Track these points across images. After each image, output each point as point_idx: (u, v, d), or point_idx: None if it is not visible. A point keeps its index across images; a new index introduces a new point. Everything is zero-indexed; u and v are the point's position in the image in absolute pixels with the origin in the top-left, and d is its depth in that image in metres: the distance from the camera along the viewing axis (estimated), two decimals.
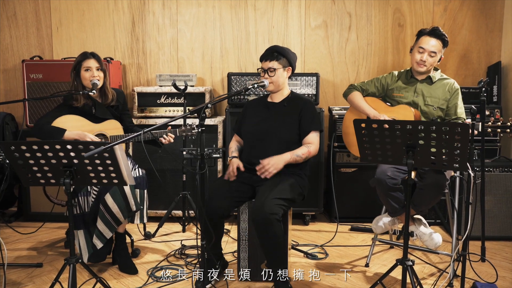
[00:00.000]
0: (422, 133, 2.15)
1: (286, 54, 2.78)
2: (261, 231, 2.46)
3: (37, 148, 2.08)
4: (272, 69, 2.75)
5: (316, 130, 2.80)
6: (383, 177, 2.73)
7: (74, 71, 3.02)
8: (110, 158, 2.11)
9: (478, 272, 2.82)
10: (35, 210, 3.87)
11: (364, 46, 4.27)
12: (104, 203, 2.73)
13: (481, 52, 4.26)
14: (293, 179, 2.69)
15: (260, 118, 2.83)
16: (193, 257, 3.13)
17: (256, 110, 2.89)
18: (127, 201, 2.76)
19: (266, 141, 2.75)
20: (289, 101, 2.84)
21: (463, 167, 2.21)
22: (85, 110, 3.02)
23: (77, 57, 3.03)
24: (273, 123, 2.77)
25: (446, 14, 4.21)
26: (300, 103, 2.82)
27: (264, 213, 2.41)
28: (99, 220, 2.76)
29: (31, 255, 3.21)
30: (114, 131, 3.02)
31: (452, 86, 2.96)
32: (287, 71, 2.81)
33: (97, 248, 2.78)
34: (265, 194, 2.50)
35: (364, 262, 3.08)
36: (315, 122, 2.80)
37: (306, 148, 2.73)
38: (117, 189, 2.74)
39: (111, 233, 2.79)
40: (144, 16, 4.24)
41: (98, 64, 3.00)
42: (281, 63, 2.77)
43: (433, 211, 3.75)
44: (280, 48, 2.80)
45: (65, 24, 4.24)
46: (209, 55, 4.30)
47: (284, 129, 2.75)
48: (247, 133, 2.86)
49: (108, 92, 3.06)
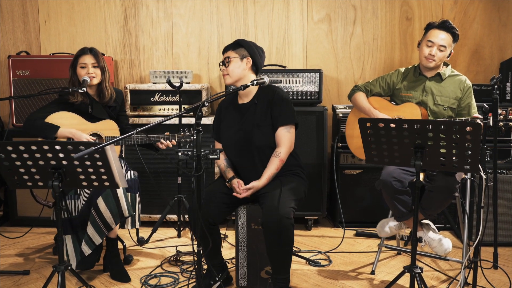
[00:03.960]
0: (430, 133, 2.15)
1: (244, 43, 2.73)
2: (274, 236, 2.44)
3: (24, 148, 2.08)
4: (228, 59, 2.71)
5: (284, 124, 2.67)
6: (389, 179, 2.73)
7: (71, 67, 3.03)
8: (101, 159, 2.11)
9: (490, 280, 2.83)
10: (22, 214, 3.86)
11: (369, 41, 4.28)
12: (96, 207, 2.73)
13: (494, 47, 4.26)
14: (295, 179, 2.70)
15: (234, 127, 2.77)
16: (189, 264, 3.13)
17: (228, 115, 2.83)
18: (120, 206, 2.76)
19: (246, 152, 2.72)
20: (259, 97, 2.74)
21: (474, 169, 2.21)
22: (81, 108, 3.02)
23: (76, 52, 3.05)
24: (247, 131, 2.71)
25: (457, 7, 4.21)
26: (269, 97, 2.71)
27: (280, 217, 2.40)
28: (89, 225, 2.76)
29: (18, 261, 3.21)
30: (110, 131, 3.02)
31: (464, 84, 2.95)
32: (246, 63, 2.72)
33: (85, 254, 2.78)
34: (276, 196, 2.50)
35: (369, 269, 3.08)
36: (282, 115, 2.67)
37: (277, 159, 2.64)
38: (110, 193, 2.74)
39: (100, 239, 2.79)
40: (137, 9, 4.24)
41: (95, 61, 3.00)
42: (238, 53, 2.70)
43: (443, 215, 3.75)
44: (241, 39, 2.77)
45: (54, 17, 4.24)
46: (206, 51, 4.30)
47: (259, 134, 2.69)
48: (225, 145, 2.82)
49: (105, 91, 3.06)
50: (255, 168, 2.70)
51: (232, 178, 2.72)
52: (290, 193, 2.55)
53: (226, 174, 2.77)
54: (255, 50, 2.76)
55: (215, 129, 2.92)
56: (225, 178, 2.77)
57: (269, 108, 2.70)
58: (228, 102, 2.89)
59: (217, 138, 2.91)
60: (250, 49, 2.73)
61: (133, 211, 2.87)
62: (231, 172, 2.76)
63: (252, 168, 2.71)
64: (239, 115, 2.78)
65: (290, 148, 2.69)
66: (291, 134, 2.70)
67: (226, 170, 2.78)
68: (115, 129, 3.05)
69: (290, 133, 2.69)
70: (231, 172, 2.76)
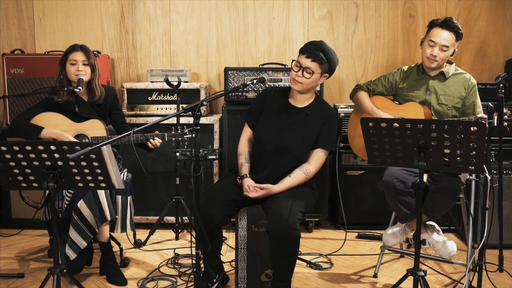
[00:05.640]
0: (434, 133, 2.15)
1: (330, 59, 2.64)
2: (280, 246, 2.44)
3: (18, 149, 2.08)
4: (310, 71, 2.63)
5: (325, 148, 2.72)
6: (391, 180, 2.73)
7: (61, 64, 3.03)
8: (97, 160, 2.11)
9: (495, 283, 2.83)
10: (16, 216, 3.86)
11: (372, 39, 4.28)
12: (77, 211, 2.71)
13: (499, 45, 4.26)
14: (308, 190, 2.72)
15: (279, 125, 2.73)
16: (187, 267, 3.13)
17: (276, 109, 2.78)
18: (102, 209, 2.74)
19: (280, 155, 2.70)
20: (312, 109, 2.74)
21: (479, 170, 2.21)
22: (68, 108, 3.02)
23: (66, 48, 3.04)
24: (293, 137, 2.69)
25: (461, 4, 4.22)
26: (324, 115, 2.73)
27: (288, 227, 2.40)
28: (72, 228, 2.74)
29: (12, 264, 3.21)
30: (97, 131, 3.00)
31: (469, 82, 2.95)
32: (323, 78, 2.71)
33: (70, 259, 2.76)
34: (286, 205, 2.49)
35: (372, 273, 3.08)
36: (328, 139, 2.72)
37: (303, 174, 2.66)
38: (91, 196, 2.72)
39: (85, 243, 2.76)
40: (134, 6, 4.25)
41: (85, 58, 3.00)
42: (322, 68, 2.64)
43: (447, 217, 3.75)
44: (326, 49, 2.65)
45: (49, 14, 4.24)
46: (205, 49, 4.30)
47: (302, 144, 2.69)
48: (260, 138, 2.76)
49: (95, 89, 3.05)
50: (276, 175, 2.68)
51: (245, 177, 2.68)
52: (301, 206, 2.55)
53: (242, 169, 2.73)
54: (336, 65, 2.72)
55: (252, 114, 2.83)
56: (239, 172, 2.73)
57: (320, 127, 2.71)
58: (277, 93, 2.83)
59: (251, 124, 2.82)
60: (332, 67, 2.68)
61: (115, 214, 2.85)
62: (247, 169, 2.73)
63: (274, 174, 2.69)
64: (288, 117, 2.75)
65: (318, 169, 2.73)
66: (325, 157, 2.75)
67: (244, 164, 2.74)
68: (101, 129, 3.02)
69: (325, 156, 2.75)
70: (247, 169, 2.73)
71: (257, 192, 2.60)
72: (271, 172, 2.70)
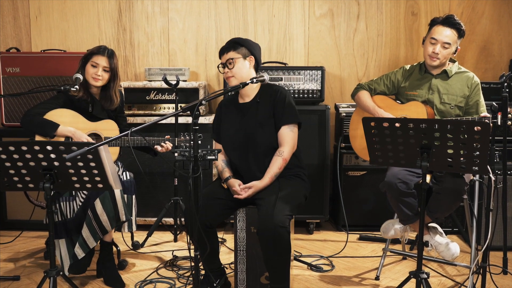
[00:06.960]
0: (437, 133, 2.15)
1: (244, 42, 2.75)
2: (269, 245, 2.44)
3: (14, 149, 2.08)
4: (231, 60, 2.72)
5: (287, 123, 2.70)
6: (394, 181, 2.73)
7: (83, 60, 3.01)
8: (94, 160, 2.11)
9: (499, 285, 2.83)
10: (12, 217, 3.86)
11: (374, 37, 4.28)
12: (93, 209, 2.73)
13: (503, 43, 4.26)
14: (295, 182, 2.70)
15: (235, 127, 2.78)
16: (186, 269, 3.13)
17: (229, 114, 2.84)
18: (117, 210, 2.76)
19: (251, 152, 2.73)
20: (261, 96, 2.76)
21: (483, 170, 2.21)
22: (82, 106, 3.01)
23: (94, 47, 3.03)
24: (250, 131, 2.72)
25: (464, 2, 4.22)
26: (272, 95, 2.74)
27: (274, 226, 2.40)
28: (85, 227, 2.75)
29: (7, 267, 3.21)
30: (110, 132, 3.00)
31: (472, 81, 2.95)
32: (249, 61, 2.75)
33: (78, 258, 2.77)
34: (271, 203, 2.49)
35: (374, 275, 3.08)
36: (285, 114, 2.70)
37: (280, 158, 2.66)
38: (108, 195, 2.74)
39: (95, 242, 2.79)
40: (132, 4, 4.25)
41: (107, 65, 2.97)
42: (240, 52, 2.72)
43: (450, 218, 3.75)
44: (237, 38, 2.79)
45: (45, 12, 4.24)
46: (204, 47, 4.30)
47: (263, 134, 2.70)
48: (227, 146, 2.82)
49: (114, 97, 3.05)
50: (258, 169, 2.70)
51: (228, 178, 2.72)
52: (287, 199, 2.53)
53: (223, 174, 2.77)
54: (257, 49, 2.79)
55: (215, 130, 2.93)
56: (222, 178, 2.77)
57: (272, 107, 2.71)
58: (228, 101, 2.90)
59: (217, 139, 2.91)
60: (250, 47, 2.75)
61: (130, 215, 2.87)
62: (228, 172, 2.77)
63: (256, 170, 2.71)
64: (240, 115, 2.79)
65: (293, 147, 2.70)
66: (294, 133, 2.72)
67: (223, 170, 2.78)
68: (115, 130, 3.02)
69: (293, 132, 2.71)
70: (228, 172, 2.77)
71: (246, 192, 2.63)
72: (254, 172, 2.71)
